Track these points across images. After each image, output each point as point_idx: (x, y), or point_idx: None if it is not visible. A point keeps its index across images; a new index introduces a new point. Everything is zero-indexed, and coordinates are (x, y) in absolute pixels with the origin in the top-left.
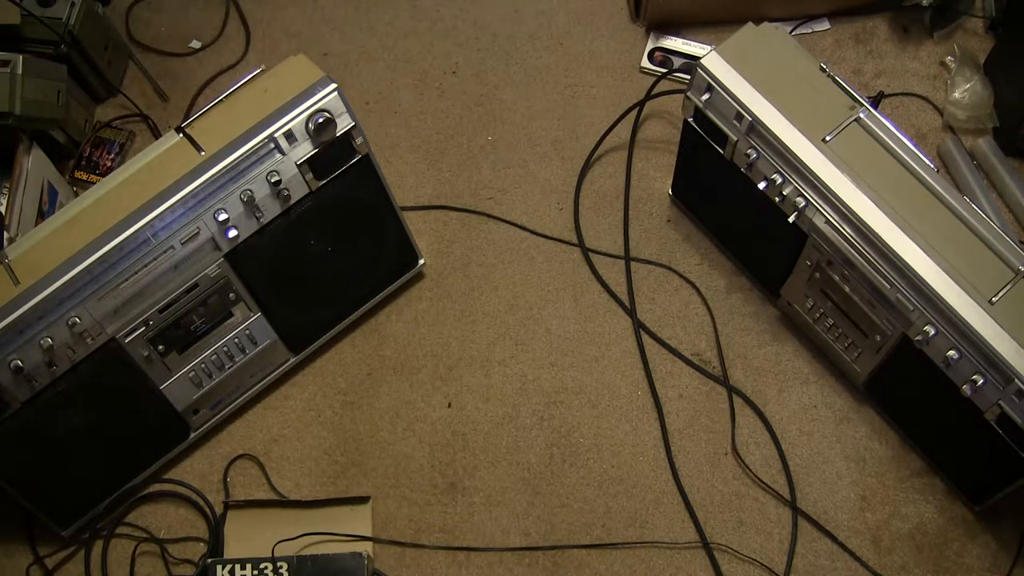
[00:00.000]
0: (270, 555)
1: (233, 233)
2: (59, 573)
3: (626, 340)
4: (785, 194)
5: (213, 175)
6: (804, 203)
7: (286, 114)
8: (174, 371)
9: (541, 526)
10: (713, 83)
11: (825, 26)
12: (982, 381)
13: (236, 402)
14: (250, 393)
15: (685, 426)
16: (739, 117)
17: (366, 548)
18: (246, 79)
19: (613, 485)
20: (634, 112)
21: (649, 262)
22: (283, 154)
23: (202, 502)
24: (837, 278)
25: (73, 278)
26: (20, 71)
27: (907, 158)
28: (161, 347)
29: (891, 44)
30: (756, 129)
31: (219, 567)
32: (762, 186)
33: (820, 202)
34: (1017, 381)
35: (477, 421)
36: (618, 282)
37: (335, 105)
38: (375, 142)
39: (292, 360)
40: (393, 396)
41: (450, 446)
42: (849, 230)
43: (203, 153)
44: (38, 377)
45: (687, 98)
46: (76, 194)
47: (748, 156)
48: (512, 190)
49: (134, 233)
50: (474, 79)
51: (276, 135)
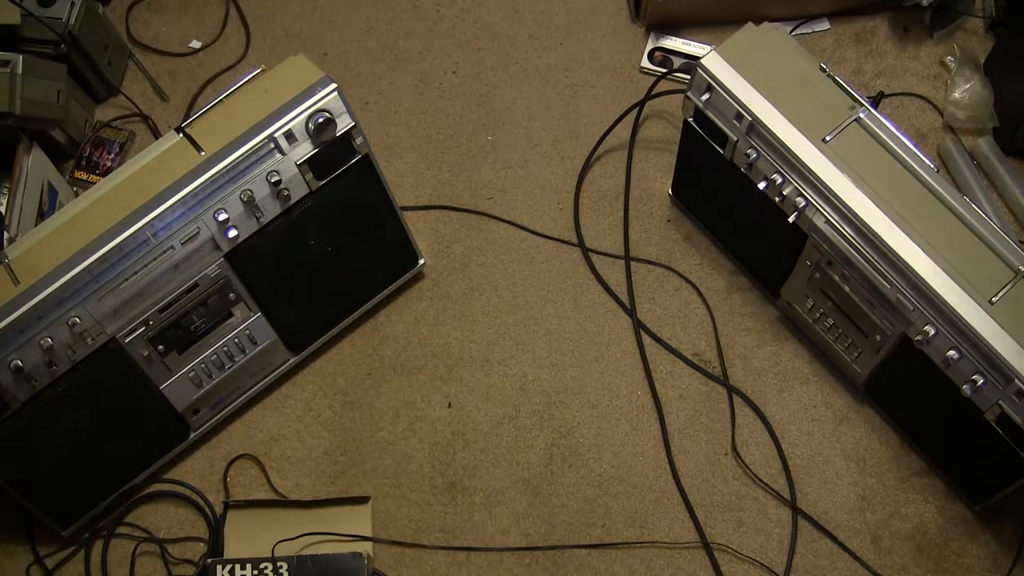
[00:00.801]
0: (270, 555)
1: (233, 233)
2: (59, 573)
3: (626, 340)
4: (785, 194)
5: (213, 175)
6: (804, 203)
7: (286, 114)
8: (174, 371)
9: (541, 526)
10: (713, 83)
11: (825, 26)
12: (982, 381)
13: (236, 402)
14: (250, 393)
15: (685, 426)
16: (739, 117)
17: (366, 548)
18: (246, 79)
19: (613, 485)
20: (634, 112)
21: (649, 262)
22: (283, 154)
23: (202, 502)
24: (837, 278)
25: (73, 278)
26: (20, 71)
27: (907, 158)
28: (161, 347)
29: (891, 44)
30: (756, 129)
31: (219, 567)
32: (762, 186)
33: (820, 202)
34: (1017, 381)
35: (477, 421)
36: (618, 282)
37: (335, 105)
38: (375, 142)
39: (292, 360)
40: (393, 396)
41: (450, 446)
42: (849, 230)
43: (203, 153)
44: (38, 377)
45: (687, 98)
46: (76, 194)
47: (748, 156)
48: (512, 190)
49: (134, 233)
50: (474, 79)
51: (276, 135)
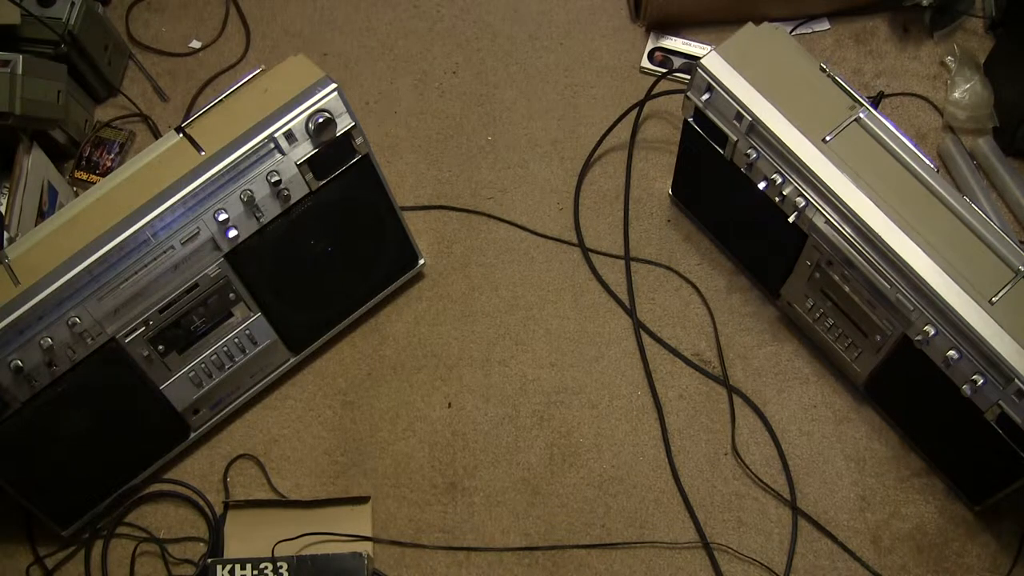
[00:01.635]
0: (270, 555)
1: (233, 233)
2: (59, 573)
3: (626, 340)
4: (785, 194)
5: (213, 175)
6: (804, 203)
7: (286, 114)
8: (174, 371)
9: (541, 526)
10: (713, 83)
11: (825, 26)
12: (982, 381)
13: (236, 402)
14: (250, 393)
15: (685, 426)
16: (739, 117)
17: (366, 548)
18: (246, 79)
19: (613, 485)
20: (634, 112)
21: (649, 262)
22: (283, 154)
23: (202, 502)
24: (837, 278)
25: (73, 278)
26: (20, 71)
27: (907, 158)
28: (161, 347)
29: (891, 44)
30: (756, 129)
31: (219, 567)
32: (762, 186)
33: (820, 202)
34: (1017, 381)
35: (477, 421)
36: (618, 282)
37: (335, 105)
38: (375, 142)
39: (292, 360)
40: (393, 396)
41: (450, 446)
42: (849, 230)
43: (203, 153)
44: (38, 377)
45: (687, 98)
46: (76, 194)
47: (748, 156)
48: (512, 190)
49: (134, 233)
50: (474, 79)
51: (276, 135)
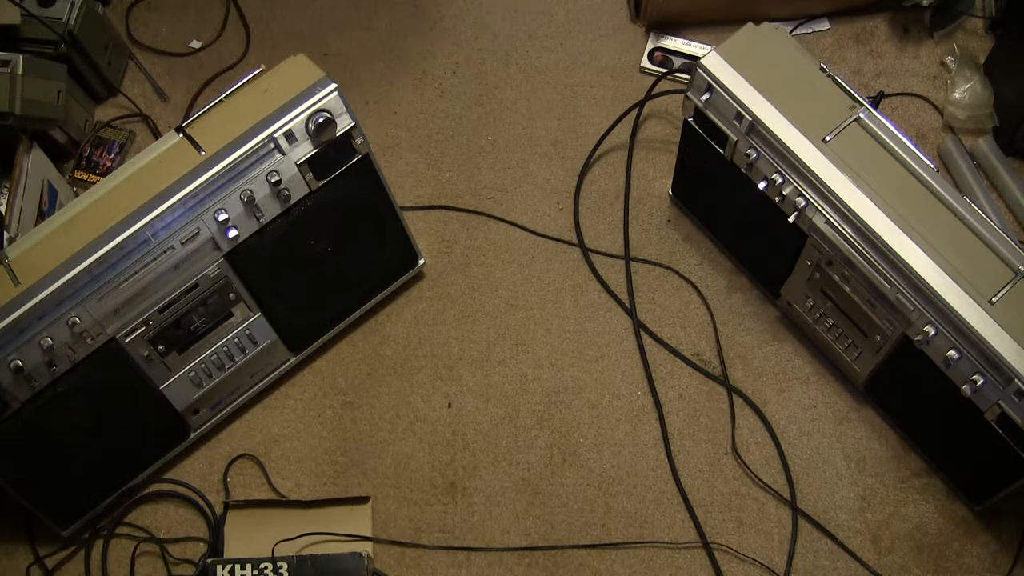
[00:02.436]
0: (270, 555)
1: (233, 233)
2: (59, 573)
3: (626, 340)
4: (785, 194)
5: (213, 175)
6: (804, 203)
7: (286, 114)
8: (174, 371)
9: (541, 526)
10: (713, 83)
11: (825, 26)
12: (982, 381)
13: (236, 402)
14: (250, 393)
15: (685, 426)
16: (739, 117)
17: (366, 548)
18: (246, 79)
19: (613, 485)
20: (634, 112)
21: (649, 262)
22: (283, 154)
23: (202, 502)
24: (837, 278)
25: (73, 278)
26: (20, 71)
27: (907, 158)
28: (161, 347)
29: (891, 44)
30: (756, 129)
31: (219, 567)
32: (762, 186)
33: (820, 202)
34: (1017, 381)
35: (477, 421)
36: (618, 282)
37: (335, 105)
38: (375, 142)
39: (292, 360)
40: (393, 396)
41: (450, 446)
42: (849, 230)
43: (203, 153)
44: (38, 377)
45: (687, 98)
46: (76, 194)
47: (748, 156)
48: (512, 190)
49: (134, 233)
50: (474, 79)
51: (276, 135)
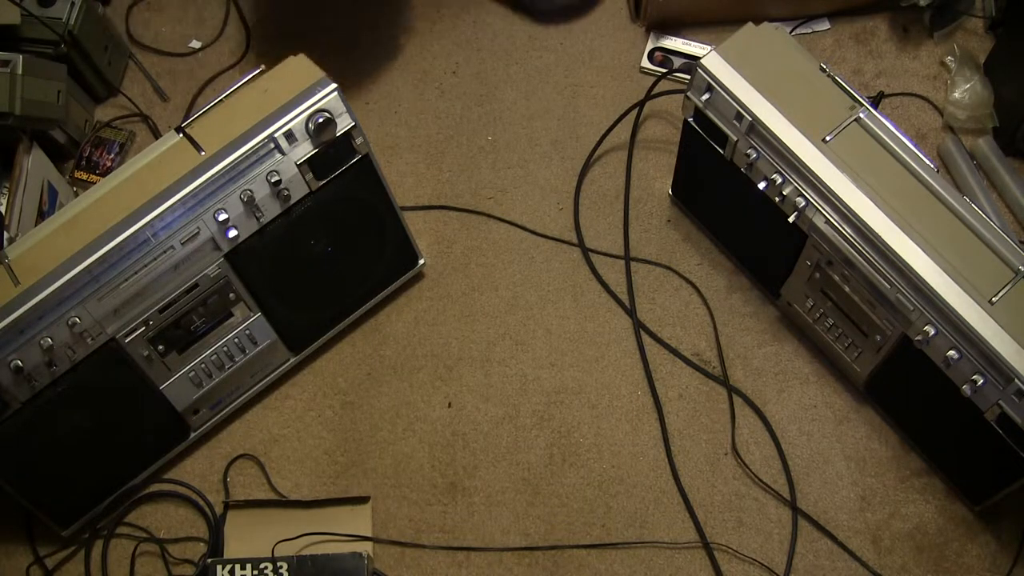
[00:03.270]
0: (270, 555)
1: (233, 233)
2: (59, 573)
3: (626, 340)
4: (785, 194)
5: (213, 175)
6: (804, 203)
7: (286, 114)
8: (174, 371)
9: (541, 526)
10: (713, 83)
11: (825, 26)
12: (982, 381)
13: (236, 402)
14: (250, 393)
15: (685, 426)
16: (739, 117)
17: (366, 548)
18: (246, 79)
19: (613, 485)
20: (634, 112)
21: (649, 262)
22: (283, 154)
23: (202, 502)
24: (837, 278)
25: (73, 278)
26: (20, 71)
27: (907, 158)
28: (161, 347)
29: (891, 44)
30: (756, 129)
31: (219, 567)
32: (762, 186)
33: (820, 202)
34: (1017, 381)
35: (477, 421)
36: (618, 282)
37: (335, 105)
38: (375, 142)
39: (292, 360)
40: (393, 396)
41: (450, 446)
42: (849, 230)
43: (203, 153)
44: (38, 377)
45: (687, 98)
46: (76, 194)
47: (748, 156)
48: (512, 190)
49: (134, 233)
50: (474, 79)
51: (276, 135)
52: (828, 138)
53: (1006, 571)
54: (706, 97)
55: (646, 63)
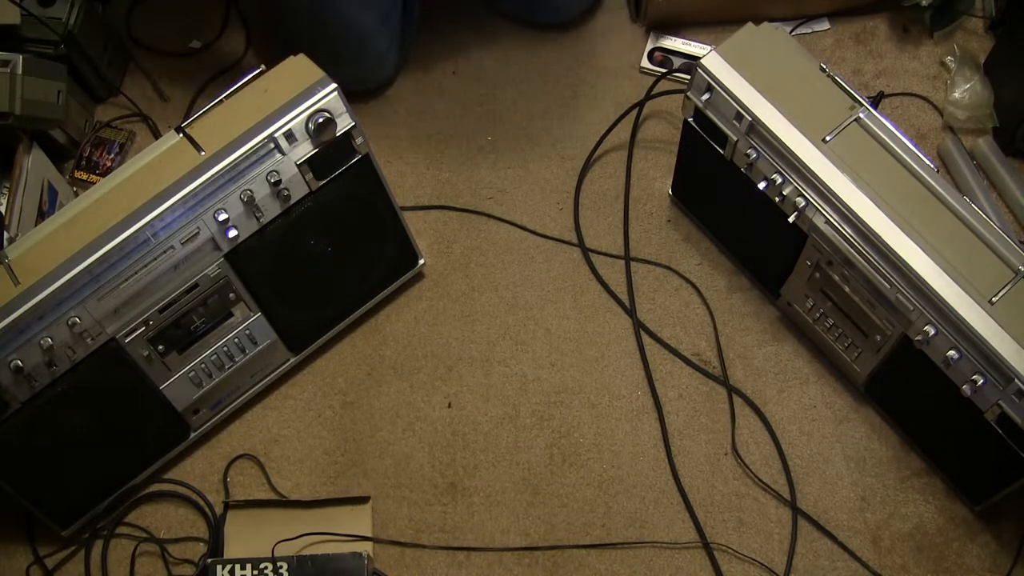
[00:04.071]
0: (270, 555)
1: (233, 233)
2: (59, 573)
3: (626, 340)
4: (785, 194)
5: (213, 175)
6: (804, 203)
7: (286, 114)
8: (174, 371)
9: (541, 526)
10: (713, 83)
11: (825, 26)
12: (982, 381)
13: (236, 402)
14: (250, 393)
15: (685, 426)
16: (739, 117)
17: (366, 548)
18: (246, 79)
19: (613, 485)
20: (634, 112)
21: (649, 262)
22: (283, 154)
23: (202, 502)
24: (837, 278)
25: (73, 278)
26: (20, 71)
27: (907, 158)
28: (161, 347)
29: (891, 44)
30: (756, 129)
31: (219, 567)
32: (762, 186)
33: (820, 202)
34: (1017, 381)
35: (477, 421)
36: (618, 282)
37: (335, 105)
38: (375, 142)
39: (292, 360)
40: (393, 396)
41: (450, 446)
42: (849, 230)
43: (203, 153)
44: (38, 377)
45: (687, 98)
46: (76, 194)
47: (748, 156)
48: (512, 190)
49: (134, 233)
50: (474, 79)
51: (276, 135)
52: (828, 138)
53: (1006, 571)
54: (706, 97)
55: (646, 63)
